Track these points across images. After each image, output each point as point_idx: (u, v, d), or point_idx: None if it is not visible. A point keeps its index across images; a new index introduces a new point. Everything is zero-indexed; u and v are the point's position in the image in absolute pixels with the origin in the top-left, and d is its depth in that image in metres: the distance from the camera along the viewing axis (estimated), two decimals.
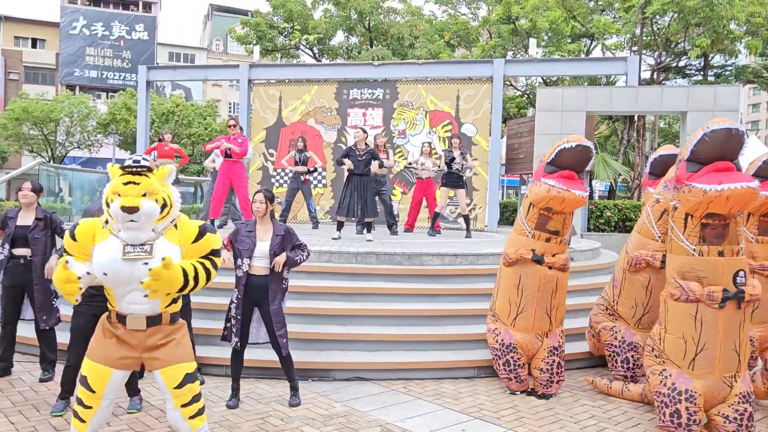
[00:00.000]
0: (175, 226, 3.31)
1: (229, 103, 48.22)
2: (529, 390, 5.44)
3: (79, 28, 43.23)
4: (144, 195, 3.12)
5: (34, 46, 45.29)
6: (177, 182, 11.73)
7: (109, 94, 42.98)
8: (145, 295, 3.16)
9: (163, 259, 3.05)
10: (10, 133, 31.46)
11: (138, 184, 3.12)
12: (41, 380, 5.28)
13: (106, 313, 3.41)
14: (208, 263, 3.31)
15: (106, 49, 43.74)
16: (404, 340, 6.03)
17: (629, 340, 5.55)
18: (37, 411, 4.59)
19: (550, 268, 5.21)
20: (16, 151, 34.41)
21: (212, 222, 9.22)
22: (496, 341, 5.44)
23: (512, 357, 5.34)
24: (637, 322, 5.60)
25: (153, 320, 3.30)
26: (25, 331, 5.65)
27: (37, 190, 5.33)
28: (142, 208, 3.07)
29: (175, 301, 3.37)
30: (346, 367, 5.66)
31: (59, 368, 5.76)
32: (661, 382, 4.46)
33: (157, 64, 40.99)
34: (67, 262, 3.10)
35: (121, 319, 3.30)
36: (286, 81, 14.02)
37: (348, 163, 8.44)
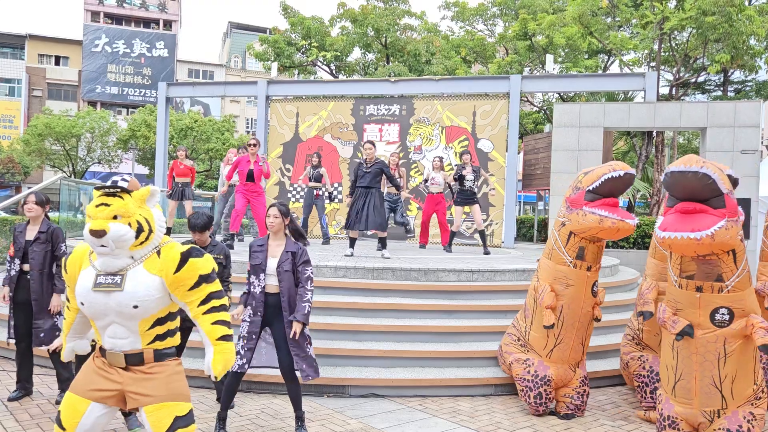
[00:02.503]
0: (158, 253, 2.96)
1: (247, 119, 48.75)
2: (550, 411, 5.35)
3: (101, 46, 44.16)
4: (114, 217, 2.85)
5: (57, 63, 46.30)
6: (193, 198, 11.52)
7: (130, 110, 43.76)
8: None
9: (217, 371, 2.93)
10: (33, 148, 32.12)
11: (109, 206, 2.87)
12: (58, 402, 5.16)
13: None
14: (222, 315, 3.00)
15: (127, 66, 44.61)
16: (420, 356, 5.98)
17: (657, 369, 5.27)
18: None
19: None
20: (38, 166, 35.10)
21: (233, 236, 9.20)
22: (528, 372, 5.23)
23: (545, 390, 5.17)
24: None
25: (133, 358, 2.92)
26: None
27: (43, 203, 5.22)
28: (110, 231, 2.79)
29: (160, 337, 2.97)
30: (361, 384, 5.62)
31: None
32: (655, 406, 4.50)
33: (177, 80, 41.62)
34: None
35: (103, 352, 2.99)
36: (304, 97, 14.14)
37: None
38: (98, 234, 2.79)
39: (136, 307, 2.85)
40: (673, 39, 19.64)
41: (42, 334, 5.13)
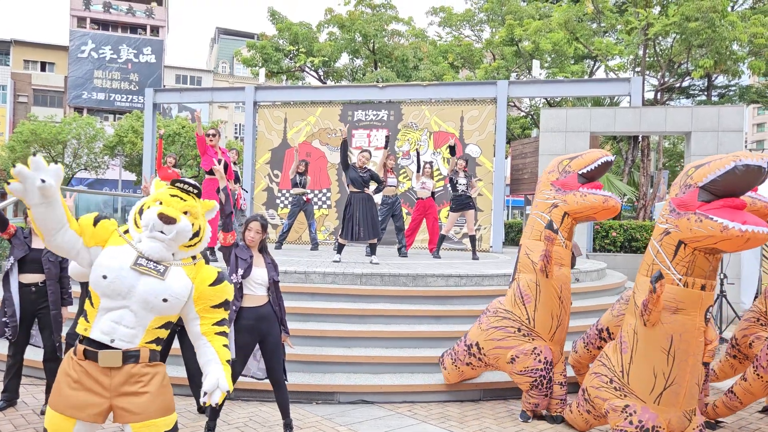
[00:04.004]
0: (194, 263, 3.06)
1: (235, 125, 48.62)
2: (541, 414, 5.32)
3: (88, 52, 43.90)
4: (185, 213, 2.95)
5: (43, 69, 45.95)
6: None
7: (116, 116, 43.49)
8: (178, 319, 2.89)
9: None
10: (19, 155, 31.81)
11: (184, 200, 2.98)
12: (42, 413, 5.05)
13: (70, 351, 2.92)
14: (226, 341, 3.07)
15: (113, 72, 44.37)
16: (409, 362, 5.98)
17: None
18: None
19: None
20: None
21: (212, 251, 8.18)
22: (540, 361, 5.09)
23: (553, 373, 5.19)
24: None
25: (129, 356, 2.81)
26: (29, 353, 5.59)
27: None
28: (179, 222, 2.88)
29: (158, 341, 2.93)
30: (350, 390, 5.61)
31: None
32: (625, 419, 4.27)
33: (164, 86, 41.46)
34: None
35: (92, 354, 2.80)
36: (292, 103, 14.14)
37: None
38: (169, 220, 2.84)
39: (165, 300, 2.83)
40: (657, 44, 19.85)
41: (45, 351, 5.06)
